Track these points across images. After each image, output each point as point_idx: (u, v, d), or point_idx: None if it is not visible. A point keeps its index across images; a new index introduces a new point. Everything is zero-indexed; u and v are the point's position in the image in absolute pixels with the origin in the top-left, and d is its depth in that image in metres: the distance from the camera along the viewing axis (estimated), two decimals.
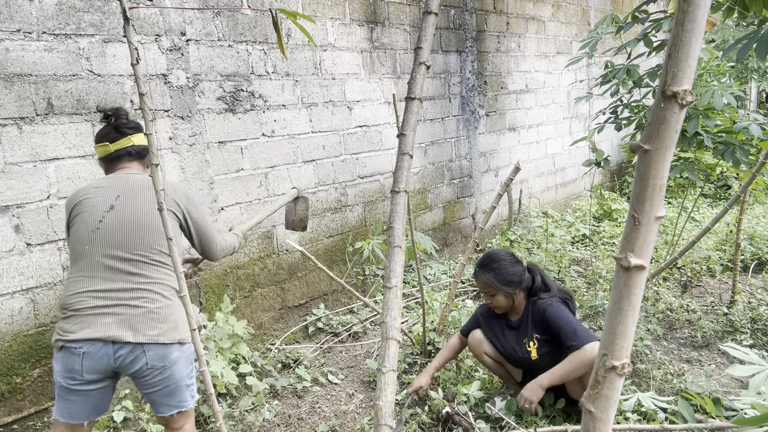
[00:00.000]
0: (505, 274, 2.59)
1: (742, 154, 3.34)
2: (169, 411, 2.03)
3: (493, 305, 2.67)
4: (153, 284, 1.96)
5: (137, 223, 1.98)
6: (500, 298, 2.62)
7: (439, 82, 5.03)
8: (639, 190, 0.62)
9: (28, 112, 2.62)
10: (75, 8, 2.74)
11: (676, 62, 0.56)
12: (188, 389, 2.04)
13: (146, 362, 1.91)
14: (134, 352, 1.90)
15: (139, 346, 1.90)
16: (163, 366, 1.95)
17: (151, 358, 1.91)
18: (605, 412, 0.71)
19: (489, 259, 2.65)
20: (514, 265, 2.63)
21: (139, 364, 1.91)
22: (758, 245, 4.99)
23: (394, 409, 1.56)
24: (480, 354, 2.83)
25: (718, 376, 3.14)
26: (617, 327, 0.67)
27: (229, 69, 3.41)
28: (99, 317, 1.89)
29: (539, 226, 5.52)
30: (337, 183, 4.21)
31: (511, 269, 2.60)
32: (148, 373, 1.93)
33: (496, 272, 2.59)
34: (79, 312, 1.90)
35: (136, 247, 1.96)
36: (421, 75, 1.38)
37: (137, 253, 1.96)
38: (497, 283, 2.58)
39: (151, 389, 1.97)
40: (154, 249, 1.99)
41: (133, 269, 1.95)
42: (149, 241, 1.98)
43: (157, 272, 1.98)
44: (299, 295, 4.04)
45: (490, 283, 2.59)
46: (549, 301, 2.58)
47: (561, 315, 2.52)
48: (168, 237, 1.61)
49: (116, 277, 1.93)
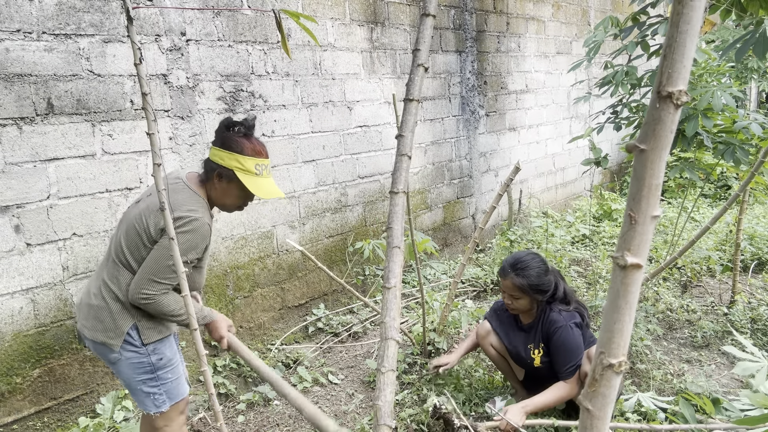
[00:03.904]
0: (539, 283, 2.56)
1: (742, 154, 3.35)
2: (139, 407, 2.11)
3: (513, 307, 2.64)
4: (107, 282, 1.99)
5: (130, 221, 2.00)
6: (524, 303, 2.60)
7: (439, 82, 5.04)
8: (635, 190, 0.62)
9: (28, 112, 2.63)
10: (75, 8, 2.75)
11: (671, 63, 0.56)
12: (147, 396, 2.03)
13: (92, 351, 2.06)
14: (85, 341, 2.05)
15: (81, 333, 2.03)
16: (106, 361, 2.04)
17: (90, 347, 2.04)
18: (602, 410, 0.71)
19: (523, 264, 2.58)
20: (547, 273, 2.60)
21: (92, 350, 2.07)
22: (758, 245, 4.99)
23: (393, 409, 1.56)
24: (486, 345, 2.85)
25: (718, 376, 3.14)
26: (614, 325, 0.67)
27: (229, 69, 3.42)
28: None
29: (539, 226, 5.52)
30: (337, 183, 4.21)
31: (545, 278, 2.58)
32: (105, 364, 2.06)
33: (530, 279, 2.54)
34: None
35: (119, 245, 2.00)
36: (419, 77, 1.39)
37: (118, 250, 2.00)
38: (529, 289, 2.55)
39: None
40: (125, 249, 1.98)
41: (110, 264, 2.02)
42: (127, 241, 1.98)
43: (118, 272, 1.98)
44: (299, 295, 4.04)
45: (521, 287, 2.55)
46: (562, 322, 2.55)
47: (565, 345, 2.51)
48: (170, 237, 1.62)
49: (104, 266, 2.05)
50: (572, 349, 2.50)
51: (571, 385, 2.50)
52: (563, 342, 2.51)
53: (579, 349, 2.51)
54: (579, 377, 2.52)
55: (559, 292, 2.63)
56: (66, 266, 2.80)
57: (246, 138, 1.99)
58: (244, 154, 1.96)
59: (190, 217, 1.91)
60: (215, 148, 1.98)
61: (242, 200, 2.07)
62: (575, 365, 2.49)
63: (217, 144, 1.99)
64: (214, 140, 2.02)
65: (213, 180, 2.00)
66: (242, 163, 1.95)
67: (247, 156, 1.96)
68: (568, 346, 2.51)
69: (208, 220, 1.97)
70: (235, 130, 1.98)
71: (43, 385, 2.76)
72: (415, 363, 3.39)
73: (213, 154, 1.99)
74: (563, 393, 2.50)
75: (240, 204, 2.09)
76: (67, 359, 2.84)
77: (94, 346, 2.01)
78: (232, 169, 1.95)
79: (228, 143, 1.96)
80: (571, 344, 2.51)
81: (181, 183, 2.01)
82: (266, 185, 2.01)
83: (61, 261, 2.78)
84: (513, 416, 2.45)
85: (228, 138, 1.97)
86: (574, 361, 2.49)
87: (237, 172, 1.95)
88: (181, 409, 2.13)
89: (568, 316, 2.57)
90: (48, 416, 2.77)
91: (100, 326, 1.97)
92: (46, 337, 2.76)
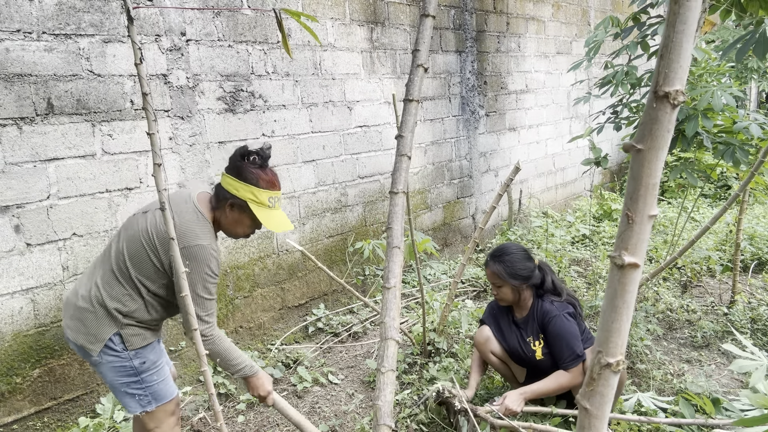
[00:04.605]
0: (515, 268, 2.60)
1: (741, 154, 3.34)
2: (125, 408, 2.13)
3: (498, 297, 2.69)
4: (100, 287, 1.97)
5: (135, 233, 1.99)
6: (506, 291, 2.63)
7: (439, 82, 5.04)
8: (632, 189, 0.63)
9: (28, 112, 2.63)
10: (75, 8, 2.75)
11: (668, 63, 0.57)
12: (131, 397, 2.02)
13: (75, 351, 2.05)
14: (68, 340, 2.03)
15: (65, 332, 2.03)
16: (89, 362, 2.03)
17: (73, 347, 2.03)
18: (600, 409, 0.71)
19: (501, 251, 2.66)
20: (526, 260, 2.64)
21: (75, 350, 2.06)
22: (758, 245, 4.99)
23: (393, 409, 1.57)
24: (485, 352, 2.84)
25: (718, 376, 3.15)
26: (612, 324, 0.67)
27: (229, 69, 3.42)
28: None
29: (539, 226, 5.52)
30: (337, 183, 4.21)
31: (522, 264, 2.61)
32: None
33: (506, 264, 2.60)
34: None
35: (120, 255, 1.98)
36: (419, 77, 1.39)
37: (119, 260, 1.98)
38: (505, 274, 2.59)
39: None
40: (128, 261, 1.96)
41: (106, 270, 1.99)
42: (130, 253, 1.96)
43: (115, 282, 1.97)
44: (299, 295, 4.04)
45: (498, 274, 2.60)
46: (555, 312, 2.57)
47: (561, 333, 2.52)
48: (170, 237, 1.62)
49: (99, 269, 2.04)
50: (569, 337, 2.51)
51: (573, 374, 2.49)
52: (558, 330, 2.53)
53: (576, 338, 2.52)
54: (583, 369, 2.51)
55: (548, 284, 2.65)
56: (66, 266, 2.80)
57: (261, 170, 1.99)
58: (259, 187, 1.97)
59: (195, 245, 1.91)
60: (229, 177, 1.98)
61: (252, 230, 2.09)
62: (575, 354, 2.49)
63: (231, 173, 1.99)
64: (227, 167, 2.01)
65: (224, 209, 2.01)
66: (256, 195, 1.96)
67: (261, 189, 1.97)
68: (564, 334, 2.51)
69: (214, 245, 1.97)
70: (251, 160, 1.98)
71: (43, 385, 2.77)
72: (415, 363, 3.39)
73: (227, 182, 1.99)
74: (563, 381, 2.49)
75: (249, 233, 2.11)
76: (67, 359, 2.84)
77: (75, 347, 2.01)
78: (246, 201, 1.96)
79: (244, 174, 1.96)
80: (567, 332, 2.52)
81: (192, 205, 1.99)
82: (278, 218, 2.03)
83: (61, 261, 2.79)
84: (512, 402, 2.46)
85: (243, 169, 1.97)
86: (573, 349, 2.49)
87: (250, 204, 1.97)
88: (170, 410, 2.09)
89: (560, 306, 2.60)
90: (48, 416, 2.78)
91: (82, 329, 1.95)
92: (46, 337, 2.76)
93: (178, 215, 1.93)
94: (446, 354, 3.42)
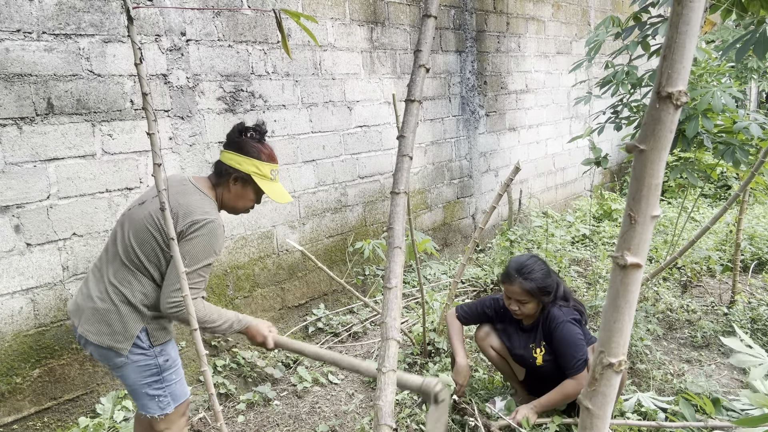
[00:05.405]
0: (545, 285, 2.54)
1: (741, 154, 3.35)
2: (140, 410, 2.08)
3: (519, 311, 2.60)
4: (116, 285, 1.95)
5: (139, 223, 1.98)
6: (531, 306, 2.58)
7: (439, 82, 5.04)
8: (635, 190, 0.63)
9: (28, 112, 2.63)
10: (75, 8, 2.75)
11: (670, 63, 0.57)
12: (151, 399, 2.02)
13: (95, 356, 1.99)
14: (87, 345, 1.99)
15: (83, 338, 1.97)
16: (110, 366, 2.00)
17: (94, 353, 1.98)
18: (602, 409, 0.71)
19: (526, 267, 2.56)
20: (550, 275, 2.60)
21: (95, 356, 1.99)
22: (758, 245, 4.99)
23: (393, 409, 1.56)
24: (485, 347, 2.83)
25: (718, 376, 3.15)
26: (614, 324, 0.67)
27: (229, 69, 3.42)
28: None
29: (539, 226, 5.52)
30: (337, 183, 4.21)
31: (550, 278, 2.57)
32: (106, 368, 2.00)
33: (538, 282, 2.52)
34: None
35: (129, 248, 1.97)
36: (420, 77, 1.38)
37: (129, 253, 1.97)
38: (538, 292, 2.52)
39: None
40: (139, 252, 1.95)
41: (117, 266, 1.98)
42: (139, 244, 1.95)
43: (131, 275, 1.96)
44: (299, 295, 4.04)
45: (530, 291, 2.52)
46: (562, 317, 2.54)
47: (568, 340, 2.50)
48: (170, 237, 1.62)
49: (107, 269, 2.01)
50: (575, 342, 2.50)
51: (578, 380, 2.48)
52: (564, 336, 2.51)
53: (582, 343, 2.50)
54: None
55: (559, 293, 2.63)
56: (66, 266, 2.80)
57: (261, 144, 2.06)
58: (261, 160, 2.04)
59: (207, 220, 1.93)
60: (230, 152, 2.03)
61: (253, 203, 2.14)
62: (581, 359, 2.47)
63: (232, 148, 2.04)
64: (226, 144, 2.07)
65: (227, 183, 2.05)
66: (259, 168, 2.03)
67: (264, 162, 2.04)
68: (570, 340, 2.50)
69: (221, 221, 2.00)
70: (249, 135, 2.05)
71: (43, 385, 2.76)
72: (415, 363, 3.39)
73: (228, 158, 2.03)
74: (569, 390, 2.49)
75: (249, 207, 2.15)
76: (67, 359, 2.84)
77: (98, 351, 1.97)
78: (249, 174, 2.02)
79: (245, 148, 2.02)
80: (573, 338, 2.50)
81: (191, 185, 2.03)
82: (279, 189, 2.11)
83: (61, 261, 2.78)
84: (524, 416, 2.48)
85: (244, 143, 2.03)
86: (579, 355, 2.48)
87: (254, 176, 2.03)
88: (182, 411, 2.12)
89: (567, 311, 2.58)
90: (48, 416, 2.78)
91: (107, 330, 1.93)
92: (46, 337, 2.76)
93: (182, 195, 1.97)
94: (446, 354, 3.42)
